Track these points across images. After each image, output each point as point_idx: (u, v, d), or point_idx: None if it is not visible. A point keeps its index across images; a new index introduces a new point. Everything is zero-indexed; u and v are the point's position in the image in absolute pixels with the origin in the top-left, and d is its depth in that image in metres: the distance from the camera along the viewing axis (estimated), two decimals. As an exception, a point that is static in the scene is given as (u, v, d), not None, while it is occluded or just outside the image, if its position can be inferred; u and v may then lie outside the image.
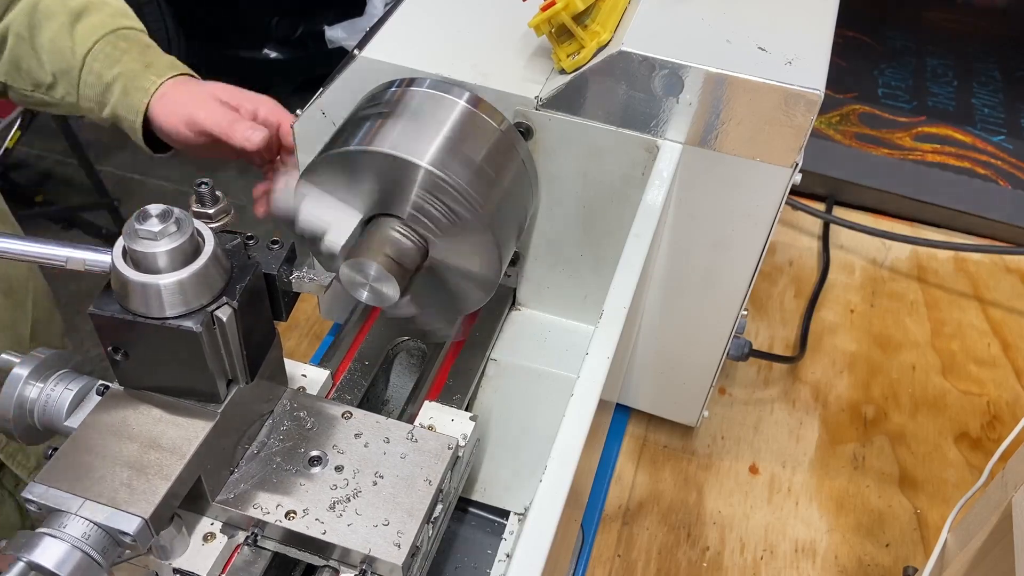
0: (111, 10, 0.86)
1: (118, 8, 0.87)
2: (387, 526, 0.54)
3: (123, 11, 0.87)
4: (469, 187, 0.62)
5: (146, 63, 0.83)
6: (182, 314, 0.47)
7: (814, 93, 0.62)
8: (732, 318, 0.77)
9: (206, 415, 0.52)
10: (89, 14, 0.84)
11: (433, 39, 0.72)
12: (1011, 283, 1.16)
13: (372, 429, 0.59)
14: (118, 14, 0.86)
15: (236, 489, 0.55)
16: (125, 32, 0.84)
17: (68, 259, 0.49)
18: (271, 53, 2.79)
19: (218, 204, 0.53)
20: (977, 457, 0.95)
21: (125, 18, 0.86)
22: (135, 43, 0.84)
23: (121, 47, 0.83)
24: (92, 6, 0.85)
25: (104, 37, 0.83)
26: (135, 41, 0.84)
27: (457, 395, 0.73)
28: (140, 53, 0.83)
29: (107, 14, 0.85)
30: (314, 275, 0.55)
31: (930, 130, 1.33)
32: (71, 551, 0.45)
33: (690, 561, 0.85)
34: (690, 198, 0.70)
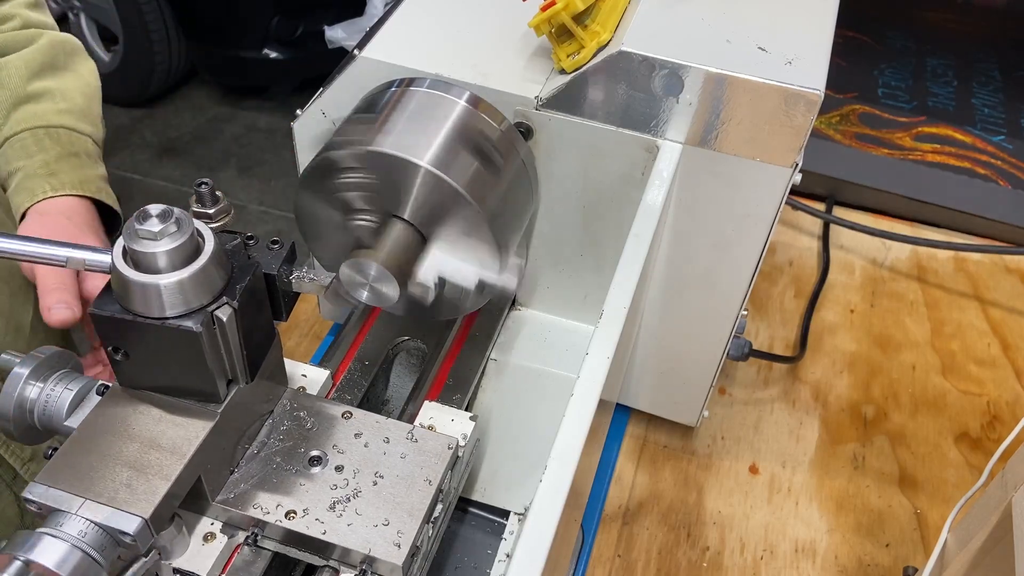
0: (66, 106, 0.83)
1: (74, 106, 0.84)
2: (387, 526, 0.54)
3: (79, 110, 0.84)
4: (469, 187, 0.62)
5: (52, 171, 0.79)
6: (182, 314, 0.47)
7: (814, 93, 0.62)
8: (732, 318, 0.77)
9: (206, 415, 0.52)
10: (39, 101, 0.82)
11: (433, 39, 0.72)
12: (1011, 283, 1.16)
13: (372, 429, 0.59)
14: (68, 112, 0.83)
15: (236, 489, 0.55)
16: (61, 132, 0.81)
17: (68, 259, 0.49)
18: (271, 53, 2.79)
19: (218, 204, 0.53)
20: (977, 457, 0.95)
21: (73, 117, 0.83)
22: (62, 146, 0.81)
23: (44, 144, 0.80)
24: (48, 94, 0.82)
25: (35, 129, 0.81)
26: (64, 144, 0.81)
27: (457, 395, 0.73)
28: (58, 157, 0.80)
29: (57, 108, 0.82)
30: (314, 275, 0.55)
31: (930, 130, 1.33)
32: (71, 550, 0.45)
33: (690, 561, 0.85)
34: (690, 198, 0.70)
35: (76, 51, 0.90)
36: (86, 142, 0.84)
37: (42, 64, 0.84)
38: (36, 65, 0.84)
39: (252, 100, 3.07)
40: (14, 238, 0.51)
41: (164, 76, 2.96)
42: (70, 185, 0.79)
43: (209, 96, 3.10)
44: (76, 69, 0.88)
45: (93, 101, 0.88)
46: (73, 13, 2.91)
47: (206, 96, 3.10)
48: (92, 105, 0.87)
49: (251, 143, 2.91)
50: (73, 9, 2.90)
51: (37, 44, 0.85)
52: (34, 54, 0.84)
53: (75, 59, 0.89)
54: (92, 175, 0.82)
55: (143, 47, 2.81)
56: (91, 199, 0.81)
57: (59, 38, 0.88)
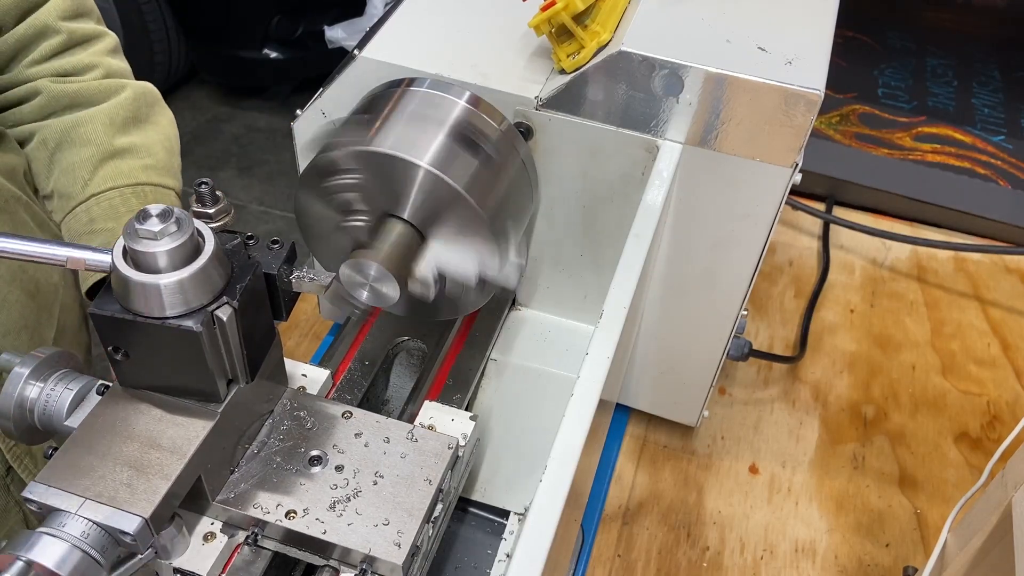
0: (151, 161, 0.82)
1: (158, 161, 0.83)
2: (387, 526, 0.54)
3: (163, 165, 0.84)
4: (469, 187, 0.62)
5: None
6: (182, 314, 0.47)
7: (814, 93, 0.62)
8: (732, 318, 0.77)
9: (206, 415, 0.52)
10: (123, 158, 0.81)
11: (433, 39, 0.72)
12: (1011, 283, 1.16)
13: (372, 429, 0.59)
14: (153, 168, 0.82)
15: (236, 489, 0.55)
16: (147, 189, 0.81)
17: (68, 259, 0.49)
18: (271, 53, 2.79)
19: (218, 204, 0.53)
20: (977, 457, 0.95)
21: (158, 173, 0.82)
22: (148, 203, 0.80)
23: (131, 204, 0.79)
24: (133, 150, 0.81)
25: (122, 188, 0.79)
26: (150, 201, 0.79)
27: (457, 395, 0.73)
28: None
29: (143, 165, 0.81)
30: (314, 275, 0.55)
31: (930, 130, 1.33)
32: (71, 550, 0.45)
33: (690, 561, 0.85)
34: (690, 198, 0.70)
35: (156, 101, 0.89)
36: (170, 195, 0.83)
37: (125, 119, 0.83)
38: (120, 120, 0.83)
39: (252, 100, 3.07)
40: (14, 238, 0.51)
41: (164, 76, 2.95)
42: None
43: (209, 96, 3.10)
44: (157, 121, 0.87)
45: (174, 154, 0.87)
46: (73, 13, 2.91)
47: (206, 96, 3.10)
48: (174, 158, 0.86)
49: (251, 143, 2.91)
50: (73, 9, 2.90)
51: (121, 97, 0.84)
52: (118, 109, 0.83)
53: (156, 110, 0.88)
54: None
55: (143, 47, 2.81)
56: None
57: (141, 89, 0.87)
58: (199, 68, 3.04)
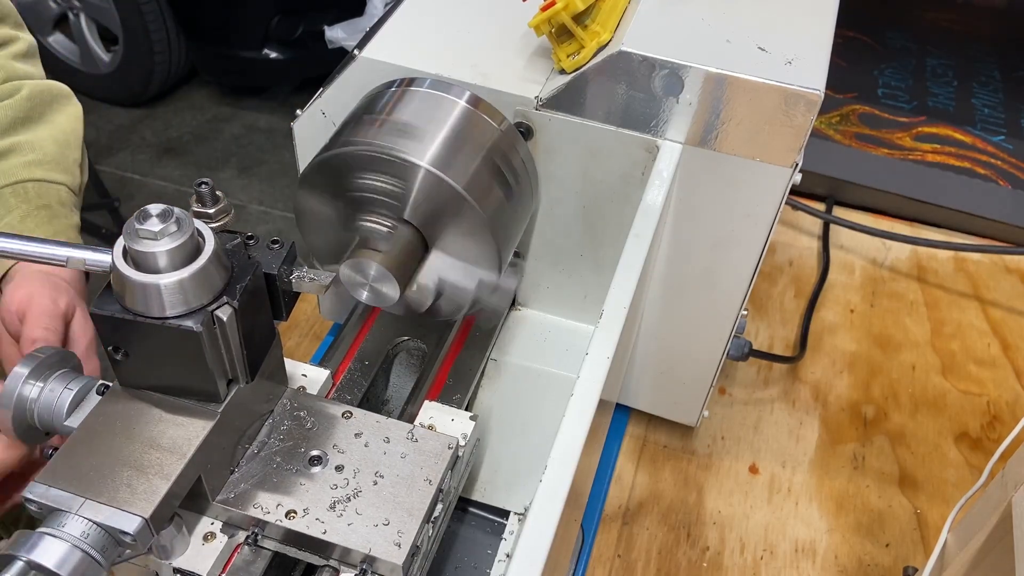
0: (34, 157, 0.79)
1: (45, 156, 0.80)
2: (387, 526, 0.54)
3: (51, 159, 0.80)
4: (469, 187, 0.62)
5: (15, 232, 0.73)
6: (182, 314, 0.47)
7: (814, 93, 0.62)
8: (732, 318, 0.77)
9: (206, 415, 0.52)
10: (6, 158, 0.78)
11: (433, 39, 0.72)
12: (1011, 283, 1.16)
13: (372, 429, 0.59)
14: (37, 163, 0.79)
15: (236, 489, 0.55)
16: (28, 186, 0.77)
17: (68, 259, 0.49)
18: (271, 53, 2.79)
19: (218, 204, 0.53)
20: (977, 457, 0.95)
21: (43, 168, 0.79)
22: (29, 201, 0.77)
23: (8, 204, 0.76)
24: (16, 149, 0.78)
25: (2, 189, 0.76)
26: (31, 198, 0.77)
27: (457, 395, 0.73)
28: (24, 216, 0.76)
29: (24, 161, 0.78)
30: (314, 275, 0.55)
31: (930, 130, 1.33)
32: (71, 550, 0.45)
33: (690, 561, 0.85)
34: (690, 198, 0.70)
35: (56, 99, 0.85)
36: (59, 191, 0.79)
37: (13, 120, 0.80)
38: (7, 121, 0.80)
39: (252, 100, 3.07)
40: (16, 238, 0.51)
41: (164, 76, 2.96)
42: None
43: (209, 96, 3.10)
44: (52, 119, 0.84)
45: (68, 148, 0.83)
46: (73, 13, 2.91)
47: (206, 96, 3.10)
48: (67, 152, 0.82)
49: (251, 143, 2.91)
50: (73, 9, 2.90)
51: (12, 99, 0.81)
52: (5, 111, 0.80)
53: (53, 107, 0.85)
54: (63, 225, 0.78)
55: (143, 47, 2.82)
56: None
57: (39, 88, 0.84)
58: (199, 68, 3.05)
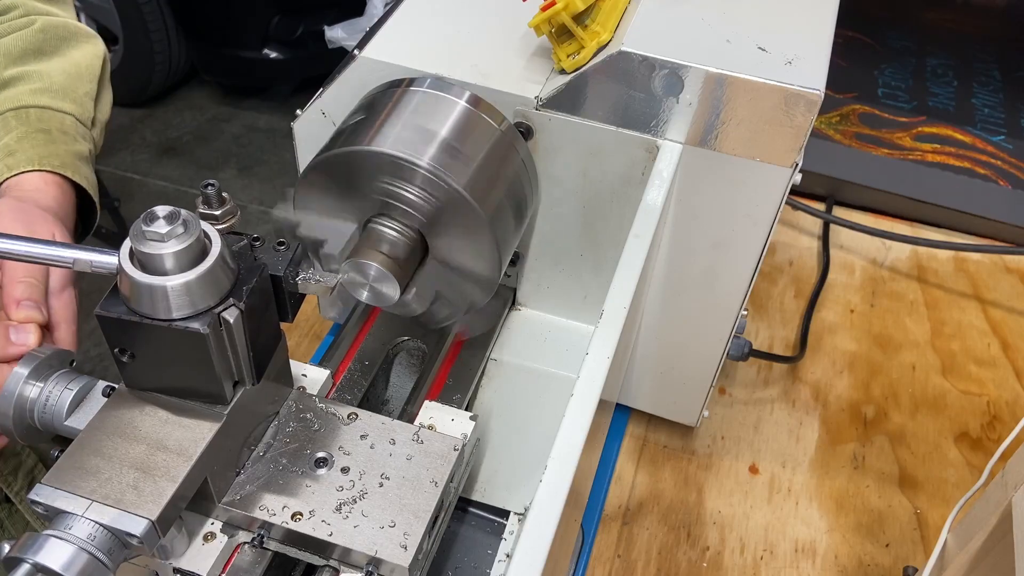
0: (41, 85, 0.79)
1: (52, 84, 0.79)
2: (393, 528, 0.54)
3: (59, 88, 0.79)
4: (469, 187, 0.62)
5: (11, 150, 0.74)
6: (189, 316, 0.47)
7: (814, 93, 0.62)
8: (732, 318, 0.78)
9: (213, 416, 0.52)
10: (14, 85, 0.78)
11: (433, 39, 0.72)
12: (1011, 283, 1.16)
13: (378, 430, 0.59)
14: (43, 91, 0.78)
15: (242, 491, 0.56)
16: (31, 111, 0.77)
17: (75, 260, 0.50)
18: (271, 53, 2.79)
19: (225, 206, 0.53)
20: (977, 457, 0.95)
21: (48, 96, 0.78)
22: (30, 124, 0.76)
23: (9, 125, 0.76)
24: (24, 78, 0.78)
25: (5, 113, 0.76)
26: (32, 122, 0.76)
27: (457, 395, 0.73)
28: (21, 137, 0.75)
29: (30, 89, 0.78)
30: (320, 276, 0.55)
31: (930, 130, 1.33)
32: (77, 552, 0.45)
33: (690, 561, 0.85)
34: (690, 198, 0.70)
35: (72, 35, 0.85)
36: (63, 119, 0.79)
37: (24, 50, 0.80)
38: (17, 51, 0.80)
39: (252, 100, 3.07)
40: (21, 240, 0.51)
41: (164, 76, 2.96)
42: (26, 161, 0.73)
43: (209, 96, 3.10)
44: (66, 53, 0.83)
45: (80, 80, 0.82)
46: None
47: (206, 96, 3.10)
48: (76, 84, 0.82)
49: (251, 143, 2.91)
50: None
51: (24, 31, 0.81)
52: (15, 40, 0.80)
53: (68, 42, 0.84)
54: (60, 150, 0.76)
55: (143, 47, 2.82)
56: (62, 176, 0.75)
57: (54, 23, 0.83)
58: (199, 68, 3.05)
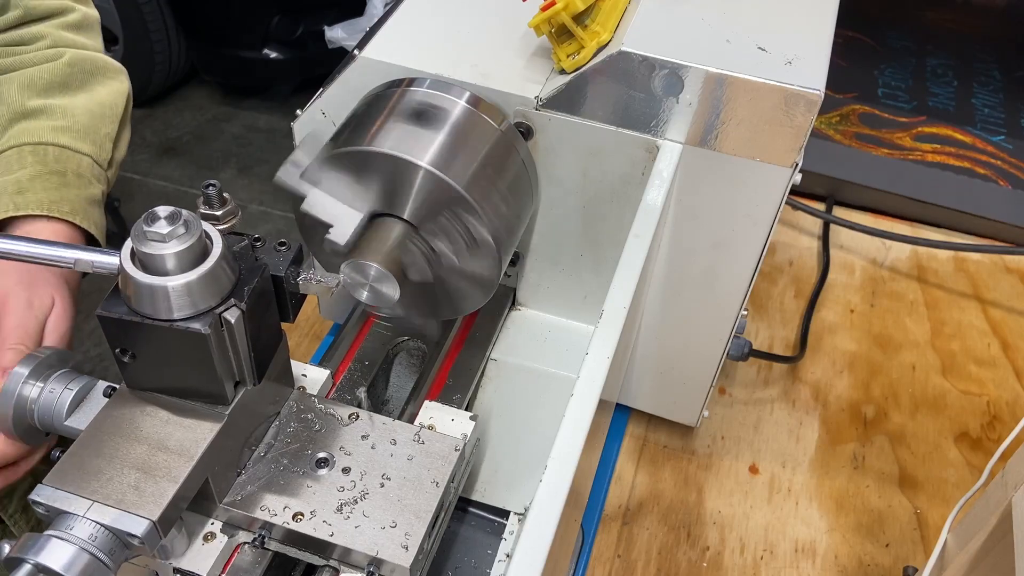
0: (64, 123, 0.78)
1: (74, 124, 0.79)
2: (394, 528, 0.54)
3: (81, 129, 0.79)
4: (469, 187, 0.62)
5: (21, 188, 0.73)
6: (190, 316, 0.47)
7: (814, 93, 0.62)
8: (732, 318, 0.78)
9: (214, 417, 0.52)
10: (35, 118, 0.77)
11: (433, 39, 0.72)
12: (1011, 283, 1.16)
13: (379, 431, 0.59)
14: (65, 130, 0.78)
15: (243, 491, 0.56)
16: (49, 149, 0.76)
17: (76, 261, 0.50)
18: (271, 53, 2.79)
19: (226, 206, 0.53)
20: (977, 457, 0.95)
21: (70, 135, 0.78)
22: (46, 164, 0.75)
23: (25, 161, 0.75)
24: (47, 111, 0.78)
25: (23, 146, 0.76)
26: (49, 162, 0.76)
27: (457, 395, 0.73)
28: (34, 176, 0.74)
29: (53, 125, 0.77)
30: (321, 277, 0.55)
31: (930, 130, 1.33)
32: (79, 553, 0.45)
33: (690, 561, 0.85)
34: (690, 198, 0.70)
35: (101, 71, 0.85)
36: (80, 161, 0.78)
37: (50, 82, 0.80)
38: (43, 83, 0.79)
39: (252, 100, 3.07)
40: (23, 240, 0.51)
41: (164, 76, 2.96)
42: (35, 204, 0.73)
43: (209, 96, 3.10)
44: (91, 89, 0.83)
45: (102, 120, 0.82)
46: (73, 13, 2.90)
47: (206, 96, 3.10)
48: (99, 124, 0.81)
49: (251, 143, 2.91)
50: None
51: (52, 63, 0.80)
52: (42, 72, 0.80)
53: (95, 78, 0.84)
54: (72, 195, 0.75)
55: (143, 47, 2.81)
56: (73, 224, 0.74)
57: (81, 57, 0.83)
58: (199, 68, 3.05)
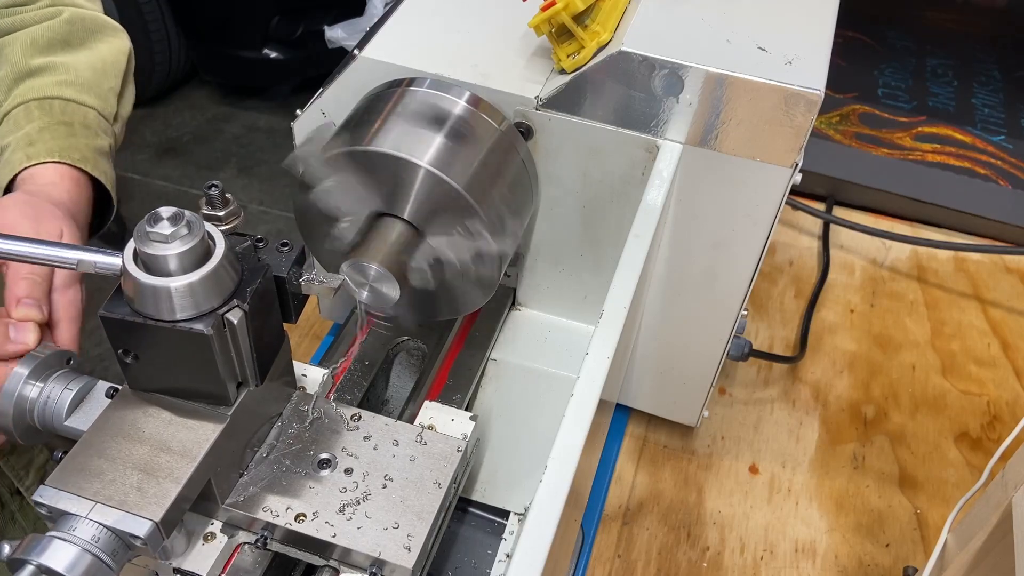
0: (67, 78, 0.78)
1: (78, 78, 0.79)
2: (397, 529, 0.54)
3: (84, 82, 0.79)
4: (469, 187, 0.62)
5: (31, 140, 0.74)
6: (193, 317, 0.47)
7: (814, 93, 0.62)
8: (732, 318, 0.77)
9: (216, 418, 0.52)
10: (39, 76, 0.78)
11: (433, 39, 0.72)
12: (1011, 283, 1.16)
13: (381, 431, 0.59)
14: (68, 84, 0.78)
15: (246, 492, 0.56)
16: (55, 103, 0.77)
17: (79, 261, 0.50)
18: (271, 53, 2.79)
19: (228, 207, 0.53)
20: (977, 457, 0.95)
21: (73, 89, 0.78)
22: (53, 116, 0.76)
23: (33, 116, 0.76)
24: (50, 68, 0.78)
25: (29, 102, 0.76)
26: (55, 114, 0.76)
27: (457, 395, 0.73)
28: (42, 128, 0.75)
29: (56, 80, 0.78)
30: (324, 278, 0.55)
31: (930, 130, 1.33)
32: (81, 554, 0.45)
33: (690, 561, 0.85)
34: (690, 198, 0.70)
35: (100, 28, 0.85)
36: (86, 113, 0.78)
37: (51, 40, 0.80)
38: (44, 41, 0.79)
39: (252, 100, 3.07)
40: (26, 241, 0.51)
41: (164, 76, 2.96)
42: (46, 152, 0.73)
43: (209, 96, 3.10)
44: (93, 46, 0.83)
45: (105, 75, 0.82)
46: (73, 13, 2.91)
47: (206, 96, 3.10)
48: (102, 79, 0.82)
49: (251, 143, 2.91)
50: (73, 9, 2.90)
51: (52, 21, 0.81)
52: (43, 30, 0.80)
53: (95, 36, 0.84)
54: (81, 144, 0.76)
55: (143, 47, 2.81)
56: (81, 170, 0.75)
57: (80, 15, 0.83)
58: (199, 68, 3.05)
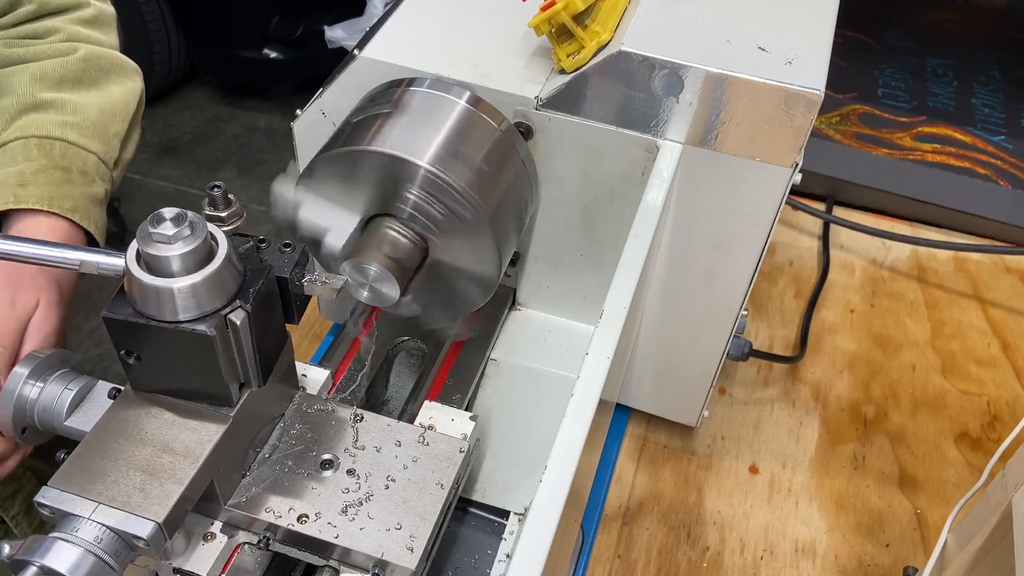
0: (73, 119, 0.78)
1: (84, 120, 0.78)
2: (399, 530, 0.54)
3: (90, 125, 0.78)
4: (469, 187, 0.62)
5: (24, 181, 0.72)
6: (195, 318, 0.47)
7: (814, 93, 0.62)
8: (732, 318, 0.77)
9: (219, 418, 0.52)
10: (44, 111, 0.77)
11: (433, 39, 0.72)
12: (1011, 283, 1.16)
13: (383, 432, 0.59)
14: (73, 125, 0.77)
15: (248, 493, 0.56)
16: (56, 144, 0.76)
17: (82, 262, 0.50)
18: (271, 53, 2.79)
19: (231, 207, 0.53)
20: (977, 457, 0.95)
21: (78, 131, 0.77)
22: (51, 158, 0.75)
23: (30, 154, 0.74)
24: (57, 105, 0.77)
25: (29, 139, 0.75)
26: (54, 157, 0.75)
27: (457, 395, 0.73)
28: (38, 169, 0.74)
29: (62, 120, 0.77)
30: (326, 278, 0.55)
31: (930, 130, 1.33)
32: (84, 555, 0.45)
33: (690, 561, 0.85)
34: (690, 198, 0.70)
35: (114, 69, 0.84)
36: (86, 158, 0.78)
37: (63, 76, 0.79)
38: (55, 76, 0.79)
39: (252, 100, 3.07)
40: (28, 242, 0.51)
41: (164, 76, 2.95)
42: (36, 198, 0.72)
43: (209, 96, 3.10)
44: (105, 87, 0.82)
45: (113, 118, 0.82)
46: (73, 13, 2.91)
47: (206, 96, 3.10)
48: (110, 122, 0.81)
49: (251, 143, 2.91)
50: (73, 9, 2.89)
51: (66, 57, 0.80)
52: (55, 65, 0.79)
53: (109, 76, 0.83)
54: (75, 192, 0.75)
55: (143, 47, 2.81)
56: (73, 222, 0.74)
57: (96, 53, 0.82)
58: (199, 68, 3.04)
